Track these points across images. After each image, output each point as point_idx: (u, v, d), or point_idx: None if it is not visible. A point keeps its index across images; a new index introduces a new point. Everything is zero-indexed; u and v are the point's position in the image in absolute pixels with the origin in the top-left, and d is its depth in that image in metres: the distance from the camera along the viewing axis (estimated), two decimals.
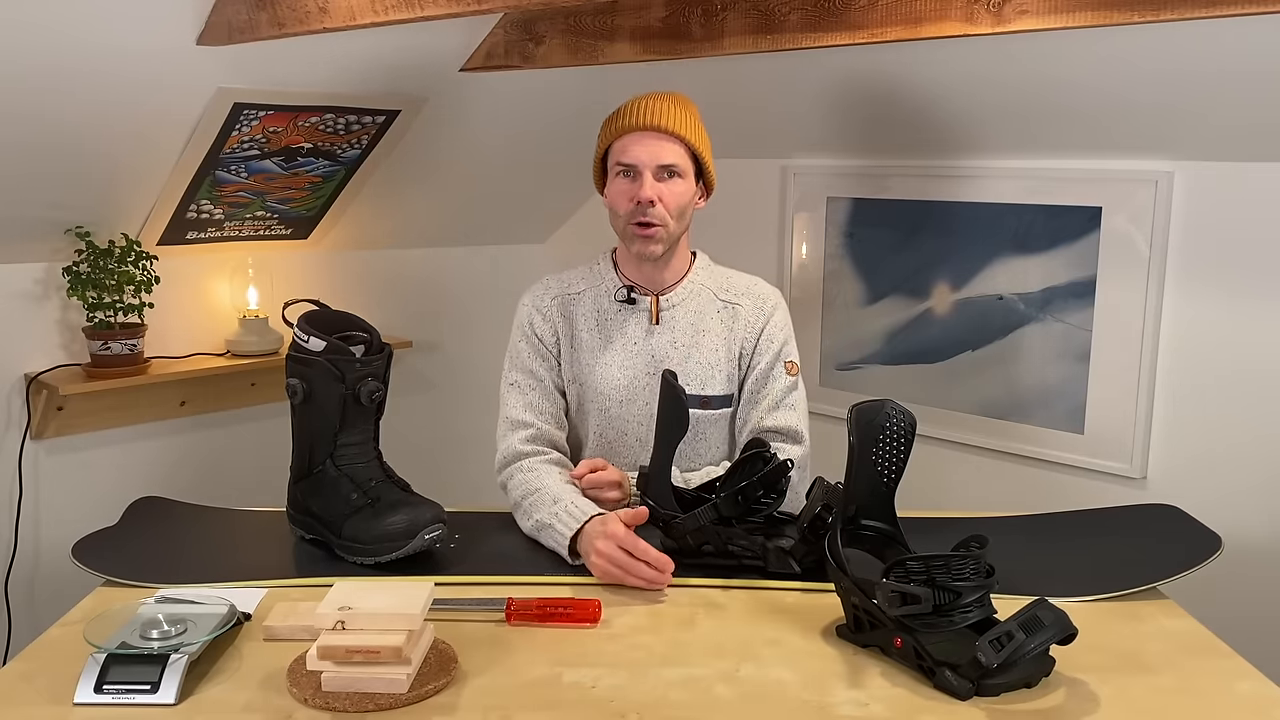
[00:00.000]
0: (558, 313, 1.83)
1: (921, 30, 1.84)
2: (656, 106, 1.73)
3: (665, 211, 1.73)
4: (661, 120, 1.72)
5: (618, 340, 1.80)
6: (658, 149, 1.72)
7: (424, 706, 1.17)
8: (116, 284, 2.42)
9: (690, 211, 1.79)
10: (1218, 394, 2.22)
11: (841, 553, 1.33)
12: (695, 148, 1.75)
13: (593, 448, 1.82)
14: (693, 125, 1.75)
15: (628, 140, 1.74)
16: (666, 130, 1.72)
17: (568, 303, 1.84)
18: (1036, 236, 2.42)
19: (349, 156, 2.61)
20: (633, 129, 1.73)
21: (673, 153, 1.73)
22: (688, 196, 1.76)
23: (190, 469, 2.73)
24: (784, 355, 1.82)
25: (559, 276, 1.88)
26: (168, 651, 1.20)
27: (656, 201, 1.72)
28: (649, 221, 1.72)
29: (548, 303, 1.84)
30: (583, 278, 1.86)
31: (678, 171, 1.73)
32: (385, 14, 1.70)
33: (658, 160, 1.72)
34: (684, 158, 1.74)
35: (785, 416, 1.79)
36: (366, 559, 1.52)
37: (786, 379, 1.80)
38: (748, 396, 1.81)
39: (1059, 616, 1.19)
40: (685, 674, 1.24)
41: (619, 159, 1.75)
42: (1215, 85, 2.00)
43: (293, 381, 1.56)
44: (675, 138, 1.72)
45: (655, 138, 1.72)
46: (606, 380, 1.79)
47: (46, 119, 2.07)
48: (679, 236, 1.79)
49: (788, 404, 1.80)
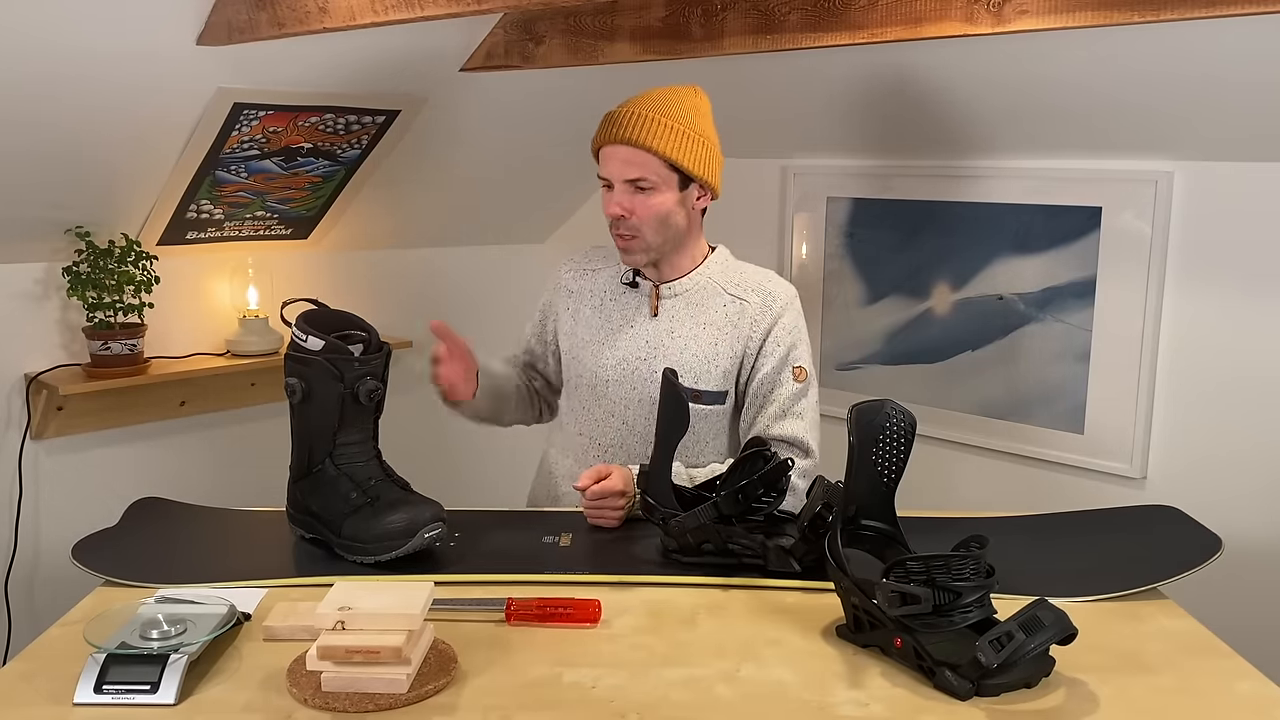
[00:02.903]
0: (570, 286, 1.90)
1: (921, 30, 1.84)
2: (631, 119, 1.70)
3: (639, 222, 1.72)
4: (630, 134, 1.68)
5: (617, 322, 1.82)
6: (624, 164, 1.70)
7: (424, 706, 1.17)
8: (116, 284, 2.42)
9: (676, 218, 1.75)
10: (1218, 394, 2.22)
11: (841, 553, 1.33)
12: (670, 158, 1.69)
13: (581, 424, 1.84)
14: (672, 135, 1.70)
15: (603, 153, 1.74)
16: (635, 144, 1.69)
17: (582, 277, 1.90)
18: (1036, 236, 2.42)
19: (349, 156, 2.61)
20: (606, 141, 1.72)
21: (642, 167, 1.70)
22: (666, 207, 1.72)
23: (190, 469, 2.73)
24: (792, 360, 1.78)
25: (592, 251, 1.94)
26: (167, 651, 1.20)
27: (628, 214, 1.72)
28: (624, 233, 1.74)
29: (565, 276, 1.92)
30: (605, 256, 1.90)
31: (648, 185, 1.71)
32: (385, 14, 1.70)
33: (624, 175, 1.71)
34: (657, 169, 1.70)
35: (791, 426, 1.76)
36: (366, 558, 1.51)
37: (794, 385, 1.77)
38: (751, 400, 1.79)
39: (1059, 616, 1.19)
40: (685, 674, 1.23)
41: (599, 170, 1.76)
42: (1215, 85, 1.99)
43: (292, 381, 1.55)
44: (646, 151, 1.69)
45: (625, 151, 1.70)
46: (598, 360, 1.81)
47: (46, 120, 2.07)
48: (666, 243, 1.76)
49: (795, 412, 1.77)
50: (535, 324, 1.98)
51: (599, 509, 1.66)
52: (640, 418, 1.79)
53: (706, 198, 1.80)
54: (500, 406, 1.92)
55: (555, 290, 1.93)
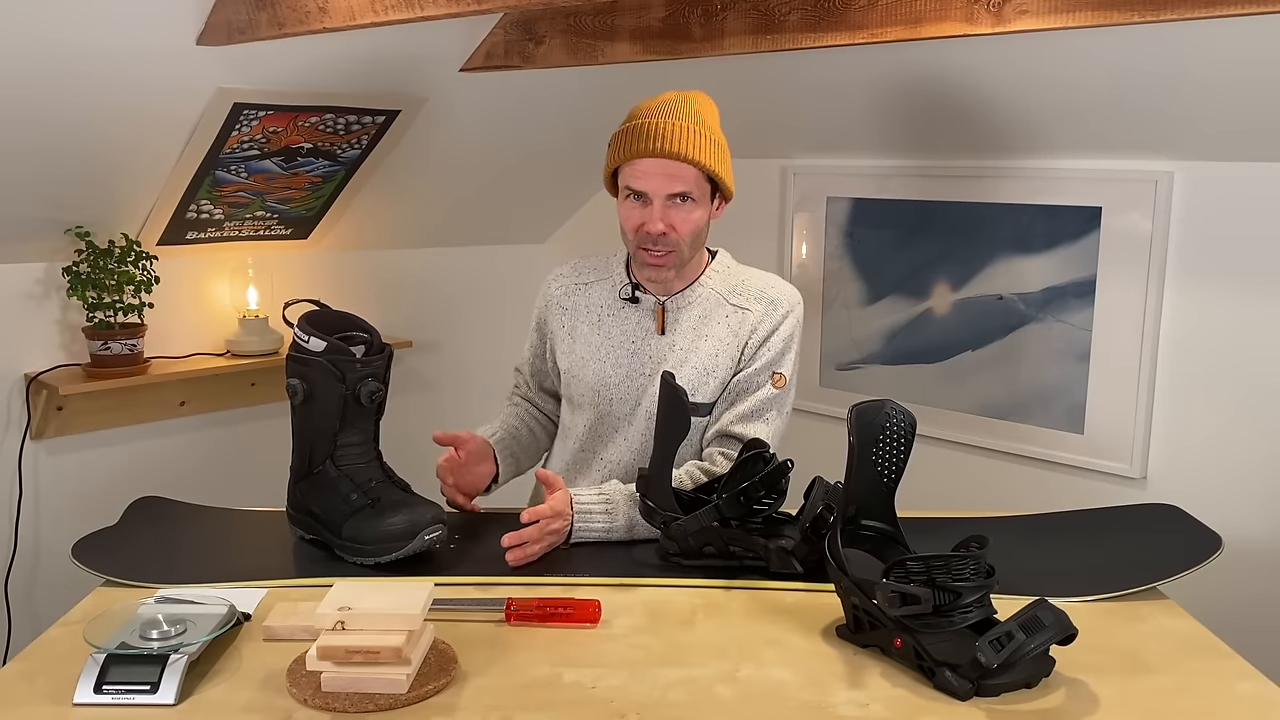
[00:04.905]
0: (564, 302, 1.85)
1: (921, 30, 1.85)
2: (671, 130, 1.61)
3: (679, 239, 1.66)
4: (675, 148, 1.61)
5: (616, 337, 1.79)
6: (669, 178, 1.63)
7: (424, 707, 1.17)
8: (116, 284, 2.42)
9: (705, 232, 1.71)
10: (1218, 394, 2.22)
11: (841, 553, 1.33)
12: (711, 170, 1.64)
13: (585, 440, 1.82)
14: (709, 145, 1.64)
15: (639, 166, 1.64)
16: (679, 157, 1.61)
17: (575, 293, 1.84)
18: (1036, 236, 2.42)
19: (349, 156, 2.61)
20: (641, 154, 1.63)
21: (685, 180, 1.63)
22: (703, 220, 1.68)
23: (190, 469, 2.73)
24: (776, 365, 1.74)
25: (581, 263, 1.88)
26: (167, 652, 1.20)
27: (670, 230, 1.65)
28: (660, 249, 1.67)
29: (556, 291, 1.87)
30: (596, 269, 1.85)
31: (691, 197, 1.65)
32: (385, 14, 1.70)
33: (669, 189, 1.63)
34: (698, 182, 1.65)
35: (755, 429, 1.71)
36: (366, 559, 1.51)
37: (769, 390, 1.73)
38: (727, 395, 1.75)
39: (1059, 617, 1.19)
40: (685, 674, 1.23)
41: (629, 183, 1.66)
42: (1215, 85, 1.99)
43: (293, 381, 1.55)
44: (689, 164, 1.62)
45: (668, 164, 1.62)
46: (601, 378, 1.78)
47: (46, 119, 2.07)
48: (693, 257, 1.73)
49: (764, 417, 1.73)
50: (534, 342, 1.92)
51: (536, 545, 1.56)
52: (643, 434, 1.76)
53: (724, 207, 1.75)
54: (521, 465, 1.87)
55: (548, 307, 1.87)
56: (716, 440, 1.74)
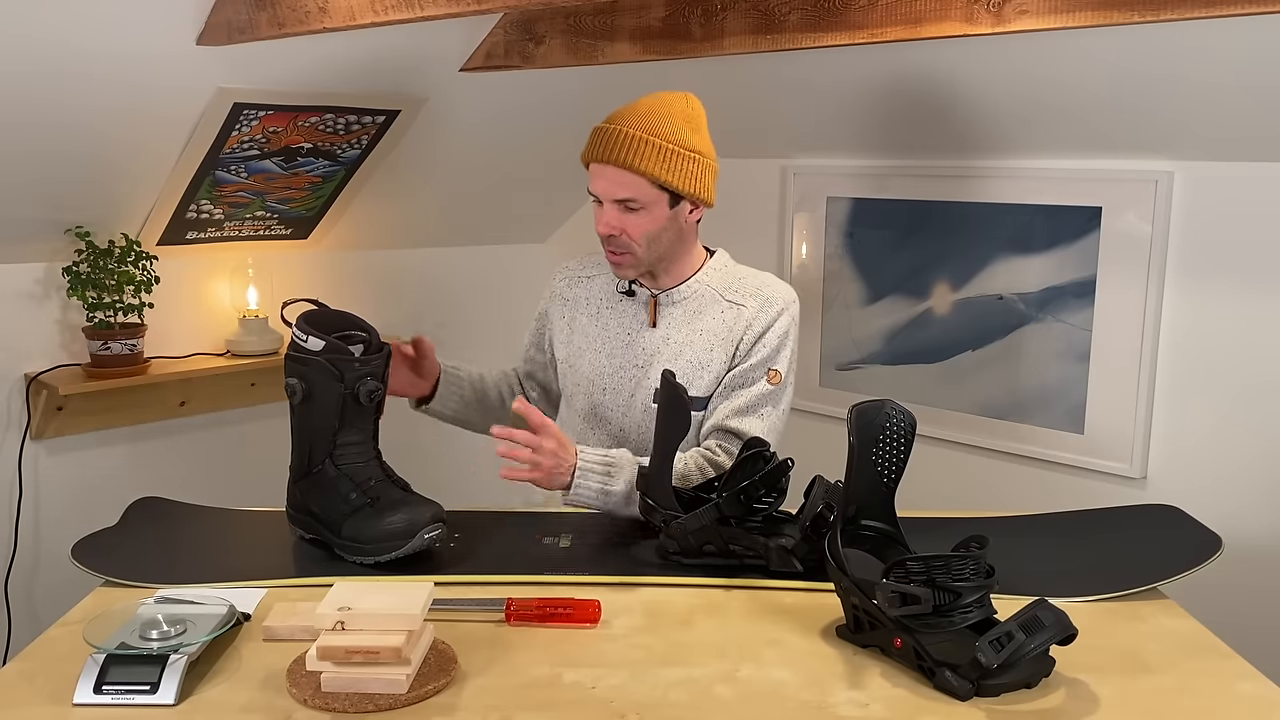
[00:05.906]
0: (566, 294, 1.90)
1: (921, 30, 1.85)
2: (619, 139, 1.65)
3: (630, 240, 1.71)
4: (619, 156, 1.65)
5: (612, 329, 1.82)
6: (614, 184, 1.68)
7: (424, 707, 1.17)
8: (116, 284, 2.42)
9: (667, 235, 1.73)
10: (1218, 394, 2.22)
11: (841, 553, 1.33)
12: (660, 179, 1.66)
13: (579, 433, 1.83)
14: (660, 154, 1.65)
15: (592, 169, 1.71)
16: (623, 166, 1.65)
17: (577, 285, 1.89)
18: (1036, 236, 2.42)
19: (349, 156, 2.61)
20: (594, 159, 1.69)
21: (630, 187, 1.67)
22: (656, 225, 1.70)
23: (190, 469, 2.73)
24: (772, 362, 1.75)
25: (588, 257, 1.92)
26: (167, 652, 1.20)
27: (618, 233, 1.70)
28: (614, 250, 1.73)
29: (560, 283, 1.92)
30: (600, 263, 1.88)
31: (637, 205, 1.68)
32: (385, 14, 1.70)
33: (613, 195, 1.68)
34: (645, 190, 1.67)
35: (750, 425, 1.73)
36: (366, 559, 1.51)
37: (765, 386, 1.74)
38: (722, 390, 1.76)
39: (1059, 617, 1.19)
40: (685, 674, 1.23)
41: (588, 185, 1.73)
42: (1215, 85, 2.00)
43: (292, 381, 1.55)
44: (634, 172, 1.66)
45: (613, 172, 1.67)
46: (595, 369, 1.81)
47: (46, 120, 2.07)
48: (659, 258, 1.75)
49: (758, 412, 1.74)
50: (533, 332, 1.97)
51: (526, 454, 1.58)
52: (637, 426, 1.78)
53: (700, 210, 1.76)
54: (466, 412, 1.93)
55: (551, 298, 1.92)
56: (713, 435, 1.76)
